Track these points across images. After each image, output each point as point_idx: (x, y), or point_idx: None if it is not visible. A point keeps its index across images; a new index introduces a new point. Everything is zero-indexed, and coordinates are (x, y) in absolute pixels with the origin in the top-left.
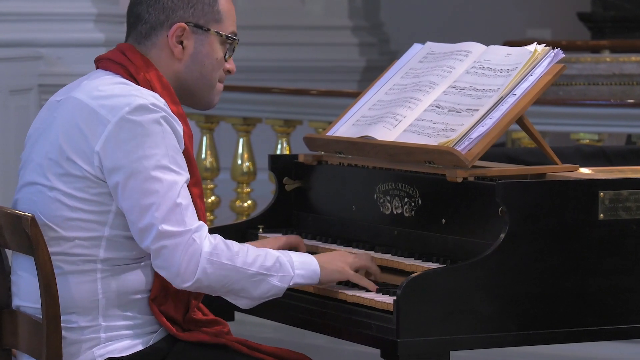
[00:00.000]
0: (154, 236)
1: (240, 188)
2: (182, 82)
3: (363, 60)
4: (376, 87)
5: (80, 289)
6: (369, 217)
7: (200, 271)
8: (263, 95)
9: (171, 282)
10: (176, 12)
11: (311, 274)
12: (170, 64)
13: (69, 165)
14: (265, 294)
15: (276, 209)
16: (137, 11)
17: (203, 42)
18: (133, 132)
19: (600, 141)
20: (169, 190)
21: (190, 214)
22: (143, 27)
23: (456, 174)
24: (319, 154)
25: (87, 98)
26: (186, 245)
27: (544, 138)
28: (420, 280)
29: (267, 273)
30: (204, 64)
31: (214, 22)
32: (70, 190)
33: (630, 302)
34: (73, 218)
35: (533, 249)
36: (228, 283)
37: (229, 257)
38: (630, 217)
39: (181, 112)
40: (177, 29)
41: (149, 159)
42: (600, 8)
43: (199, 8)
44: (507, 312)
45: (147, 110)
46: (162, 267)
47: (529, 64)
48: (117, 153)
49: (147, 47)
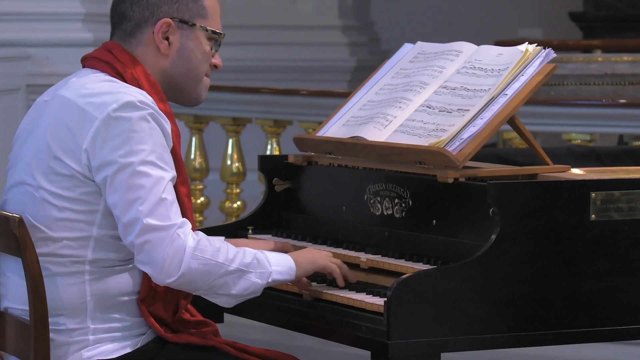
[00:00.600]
0: (138, 230)
1: (230, 189)
2: (169, 78)
3: (353, 60)
4: (366, 87)
5: (68, 290)
6: (359, 218)
7: (185, 266)
8: (253, 95)
9: (154, 278)
10: (161, 8)
11: (287, 270)
12: (157, 61)
13: (56, 164)
14: (244, 291)
15: (266, 210)
16: (121, 9)
17: (189, 37)
18: (120, 128)
19: (592, 141)
20: (155, 186)
21: (175, 210)
22: (128, 24)
23: (447, 175)
24: (309, 155)
25: (74, 96)
26: (170, 240)
27: (535, 138)
28: (410, 282)
29: (245, 270)
30: (190, 59)
31: (199, 17)
32: (57, 190)
33: (622, 303)
34: (61, 218)
35: (524, 250)
36: (210, 279)
37: (212, 252)
38: (622, 218)
39: (169, 111)
40: (162, 24)
41: (136, 155)
42: (592, 7)
43: (183, 3)
44: (499, 313)
45: (135, 107)
46: (146, 262)
47: (520, 64)
48: (104, 149)
49: (133, 45)
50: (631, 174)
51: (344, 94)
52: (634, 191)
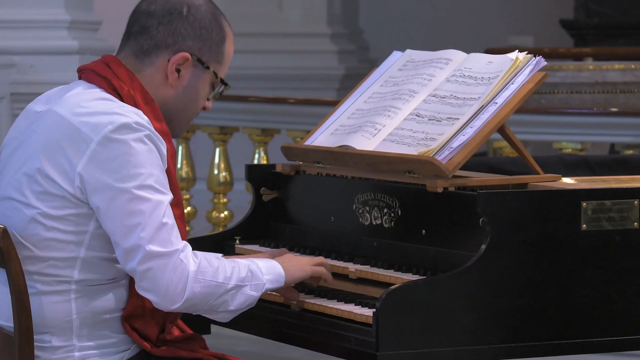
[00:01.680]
0: (140, 257)
1: (217, 198)
2: (166, 107)
3: (342, 68)
4: (355, 96)
5: (54, 309)
6: (348, 228)
7: (189, 291)
8: (240, 103)
9: (158, 305)
10: (186, 40)
11: (277, 277)
12: (161, 88)
13: (47, 183)
14: (242, 304)
15: (253, 219)
16: (146, 24)
17: (199, 78)
18: (117, 151)
19: (583, 150)
20: (155, 210)
21: (175, 234)
22: (147, 42)
23: (436, 184)
24: (297, 164)
25: (68, 114)
26: (174, 266)
27: (525, 147)
28: (399, 292)
29: (242, 284)
30: (192, 98)
31: (215, 62)
32: (47, 209)
33: (614, 314)
34: (48, 238)
35: (515, 260)
36: (212, 300)
37: (212, 274)
38: (613, 228)
39: (165, 130)
40: (180, 57)
41: (134, 179)
42: (583, 15)
43: (207, 44)
44: (489, 324)
45: (131, 129)
46: (149, 290)
47: (510, 72)
48: (100, 173)
49: (144, 63)
50: (623, 183)
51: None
52: (625, 201)
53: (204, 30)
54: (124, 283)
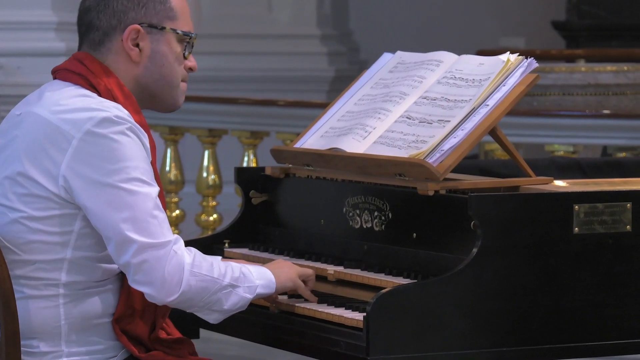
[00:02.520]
0: (134, 250)
1: (206, 201)
2: (143, 85)
3: (332, 70)
4: (345, 98)
5: (42, 314)
6: (338, 231)
7: (185, 283)
8: (229, 106)
9: (153, 298)
10: (127, 14)
11: (269, 283)
12: (129, 69)
13: (31, 185)
14: (234, 305)
15: (242, 223)
16: (88, 19)
17: (159, 42)
18: (100, 146)
19: (575, 153)
20: (144, 203)
21: (166, 226)
22: (96, 34)
23: (427, 187)
24: (287, 167)
25: (47, 113)
26: (169, 257)
27: (517, 150)
28: (390, 296)
29: (236, 284)
30: (162, 64)
31: (168, 20)
32: (32, 212)
33: (606, 318)
34: (34, 240)
35: (506, 264)
36: (207, 295)
37: (207, 268)
38: (606, 231)
39: (144, 122)
40: (130, 31)
41: (120, 172)
42: (575, 16)
43: (150, 7)
44: (480, 328)
45: (112, 123)
46: (145, 283)
47: (501, 74)
48: (84, 169)
49: (103, 54)
50: (615, 186)
51: (322, 105)
52: (617, 204)
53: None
54: (112, 288)
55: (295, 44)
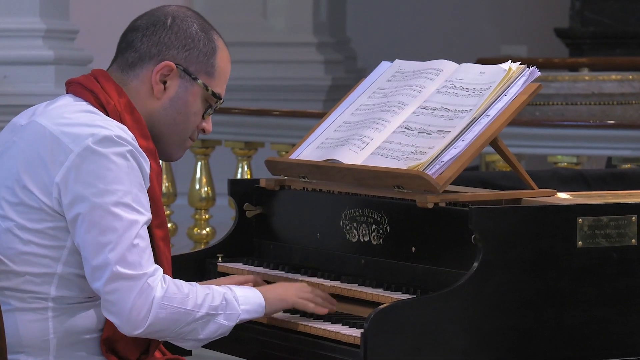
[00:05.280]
0: (107, 277)
1: (199, 214)
2: (153, 123)
3: (328, 79)
4: (342, 108)
5: (30, 327)
6: (335, 245)
7: (153, 317)
8: (222, 116)
9: (120, 329)
10: (170, 49)
11: (256, 308)
12: (147, 101)
13: (25, 195)
14: (212, 333)
15: (236, 236)
16: (131, 38)
17: (187, 90)
18: (96, 164)
19: (578, 164)
20: (128, 230)
21: (147, 257)
22: (131, 55)
23: (427, 200)
24: (282, 179)
25: (50, 124)
26: (140, 290)
27: (519, 161)
28: (388, 312)
29: (214, 313)
30: (181, 111)
31: (204, 74)
32: (24, 222)
33: (610, 334)
34: (25, 252)
35: (508, 279)
36: (178, 327)
37: (180, 300)
38: (610, 245)
39: (151, 148)
40: (164, 66)
41: (111, 195)
42: (579, 24)
43: (194, 54)
44: (481, 345)
45: (113, 143)
46: (112, 312)
47: (503, 83)
48: (77, 185)
49: (129, 77)
50: (620, 199)
51: (318, 115)
52: (622, 217)
53: (189, 40)
54: None
55: (291, 52)
